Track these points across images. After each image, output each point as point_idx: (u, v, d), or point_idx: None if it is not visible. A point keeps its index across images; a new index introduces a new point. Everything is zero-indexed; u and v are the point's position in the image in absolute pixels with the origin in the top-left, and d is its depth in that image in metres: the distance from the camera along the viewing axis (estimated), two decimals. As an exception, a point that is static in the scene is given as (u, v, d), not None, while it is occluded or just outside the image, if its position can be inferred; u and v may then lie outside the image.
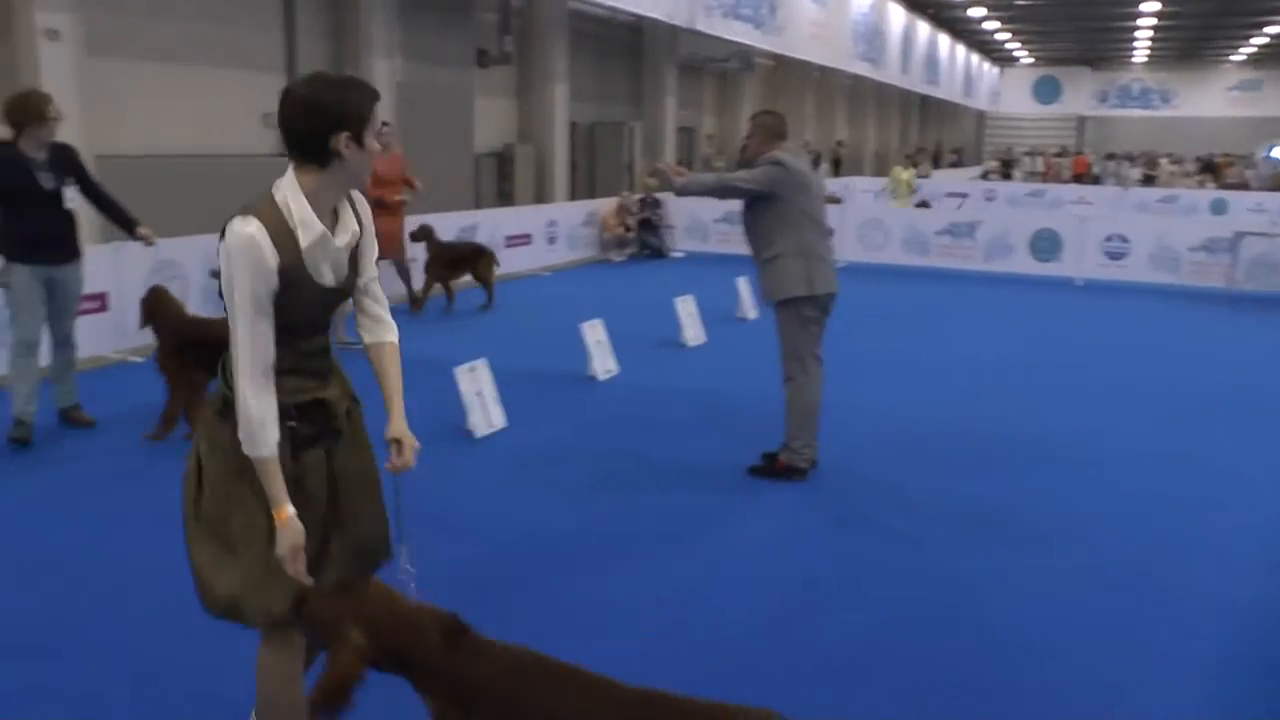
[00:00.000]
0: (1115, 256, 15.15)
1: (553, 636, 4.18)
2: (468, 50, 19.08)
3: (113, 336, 9.00)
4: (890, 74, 35.52)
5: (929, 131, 52.47)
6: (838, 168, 34.69)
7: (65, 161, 6.60)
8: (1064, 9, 37.91)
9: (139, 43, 12.90)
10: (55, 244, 6.57)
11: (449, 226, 13.42)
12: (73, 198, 6.62)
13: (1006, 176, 35.58)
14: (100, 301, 8.92)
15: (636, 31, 25.14)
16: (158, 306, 6.79)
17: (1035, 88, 57.65)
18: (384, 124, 9.98)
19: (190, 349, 6.46)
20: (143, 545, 5.04)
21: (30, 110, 6.36)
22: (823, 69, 31.99)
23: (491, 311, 11.75)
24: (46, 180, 6.44)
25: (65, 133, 11.23)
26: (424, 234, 11.46)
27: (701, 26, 21.48)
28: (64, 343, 6.90)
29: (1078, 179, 34.92)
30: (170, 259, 9.23)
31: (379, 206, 9.91)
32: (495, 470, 6.33)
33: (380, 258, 9.40)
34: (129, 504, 5.60)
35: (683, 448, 6.83)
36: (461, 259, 11.79)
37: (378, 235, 3.04)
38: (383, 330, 3.13)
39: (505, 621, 4.30)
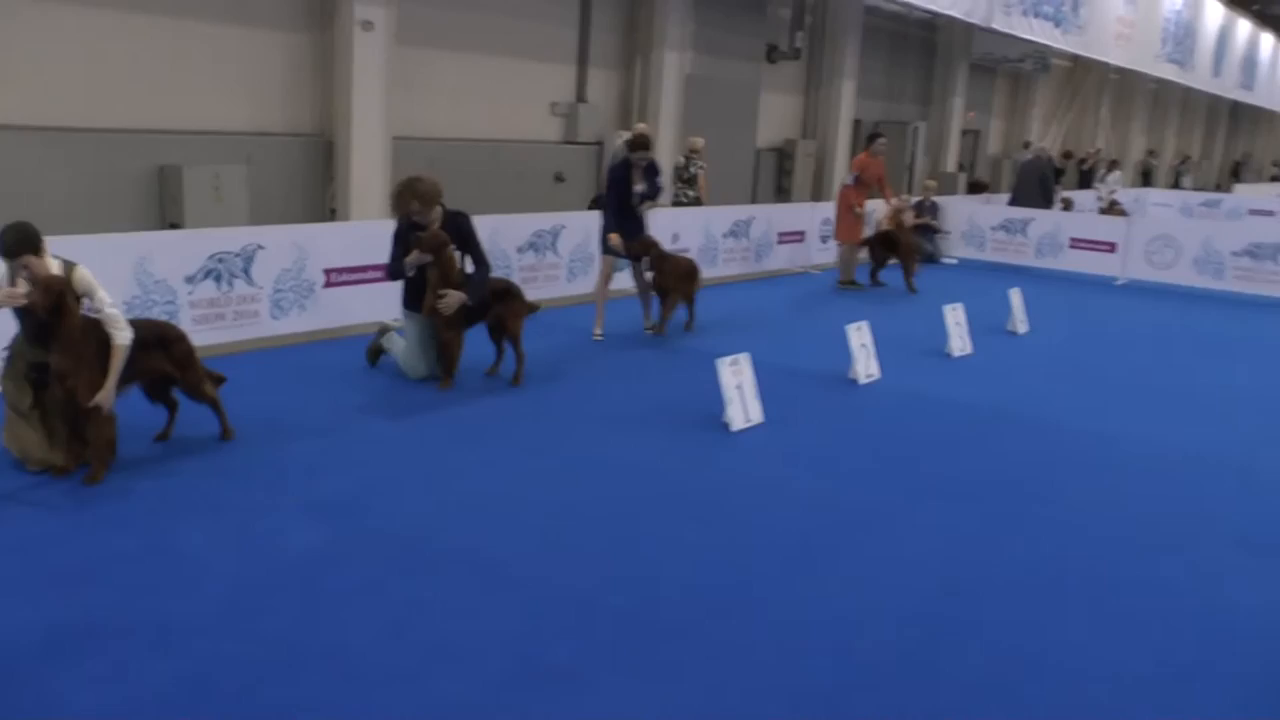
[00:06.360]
0: None
1: (783, 638, 4.30)
2: (758, 45, 19.27)
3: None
4: (1199, 78, 33.20)
5: (1236, 142, 49.06)
6: (1147, 179, 32.99)
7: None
8: None
9: (443, 33, 13.71)
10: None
11: (724, 219, 13.66)
12: None
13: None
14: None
15: (930, 29, 24.71)
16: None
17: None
18: (880, 138, 13.40)
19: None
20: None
21: (401, 198, 7.68)
22: (1122, 71, 30.45)
23: (730, 311, 11.89)
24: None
25: (369, 115, 12.24)
26: (646, 247, 9.81)
27: (999, 25, 20.85)
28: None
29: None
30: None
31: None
32: (748, 464, 6.44)
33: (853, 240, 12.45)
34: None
35: (935, 460, 6.77)
36: (682, 274, 10.06)
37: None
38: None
39: (742, 621, 4.44)
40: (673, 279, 9.81)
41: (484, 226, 10.13)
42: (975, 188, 23.72)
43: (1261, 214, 26.19)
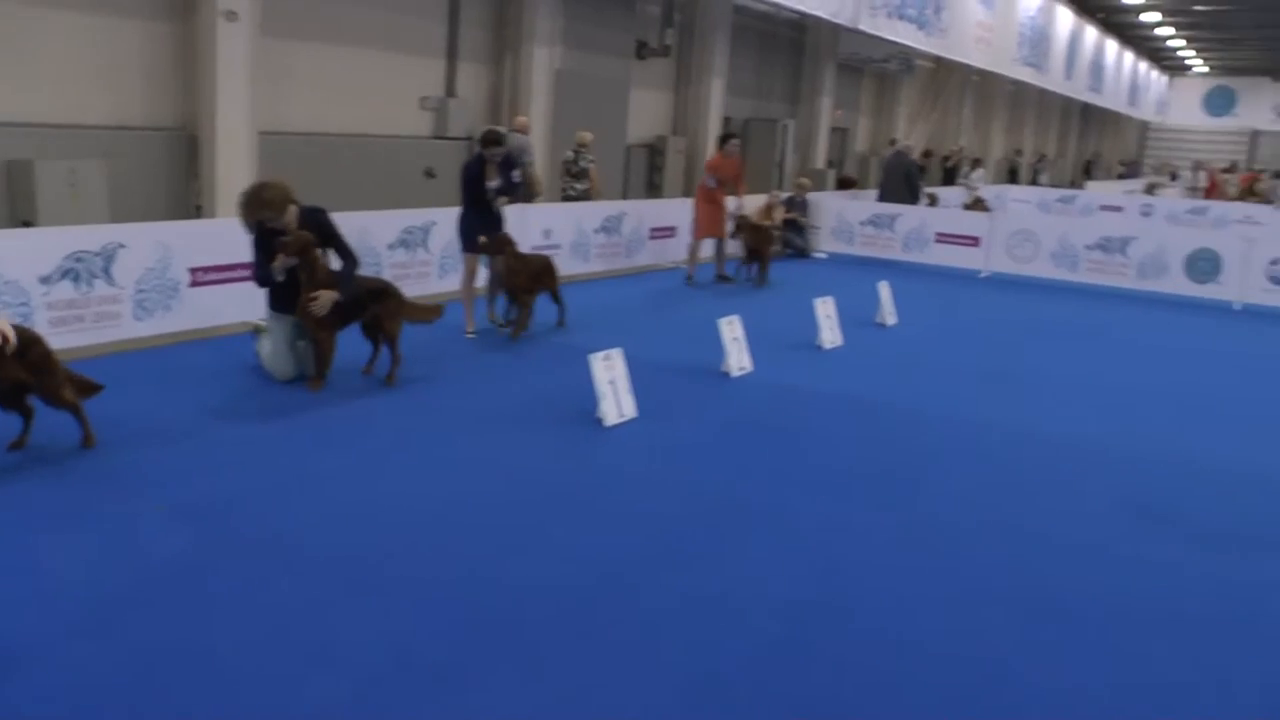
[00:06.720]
0: (1281, 281, 14.55)
1: (657, 630, 4.34)
2: (627, 41, 19.33)
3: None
4: (1053, 80, 34.57)
5: (1087, 142, 51.04)
6: (1013, 176, 34.05)
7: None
8: (1249, 15, 36.30)
9: (310, 25, 13.48)
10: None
11: (596, 215, 13.67)
12: None
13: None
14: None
15: (798, 29, 25.09)
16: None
17: (1207, 98, 55.40)
18: (734, 139, 13.76)
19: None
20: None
21: (250, 209, 7.50)
22: (983, 73, 31.39)
23: (617, 305, 11.94)
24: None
25: (234, 109, 11.95)
26: (501, 245, 9.54)
27: (865, 26, 21.28)
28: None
29: (1245, 197, 33.54)
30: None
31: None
32: (621, 460, 6.48)
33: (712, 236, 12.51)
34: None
35: (807, 450, 6.89)
36: (536, 272, 9.81)
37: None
38: None
39: (619, 614, 4.47)
40: (525, 278, 9.55)
41: (354, 223, 10.00)
42: (844, 184, 24.16)
43: (1111, 209, 27.34)
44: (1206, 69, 54.26)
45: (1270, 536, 5.81)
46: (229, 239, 8.70)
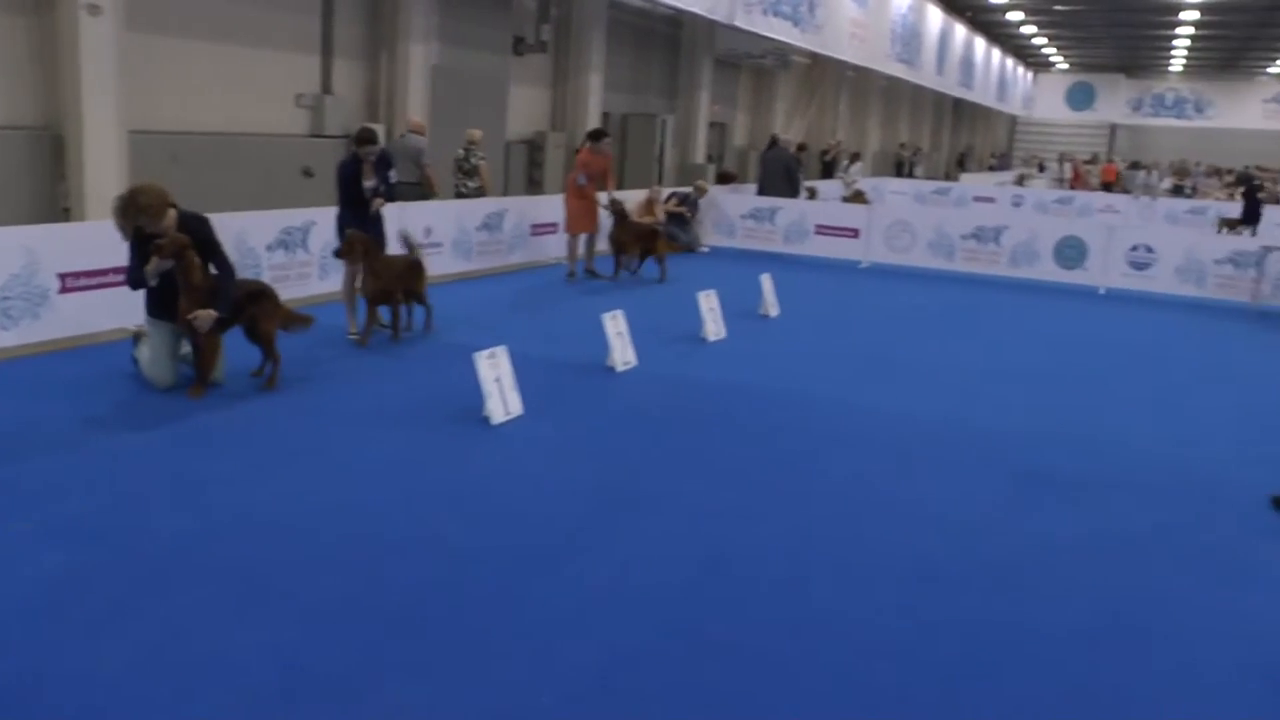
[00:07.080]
0: (1140, 267, 15.15)
1: (552, 626, 4.33)
2: (504, 37, 19.23)
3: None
4: (926, 76, 35.46)
5: (960, 134, 52.41)
6: (900, 170, 34.81)
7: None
8: (1103, 15, 37.82)
9: (178, 20, 13.11)
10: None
11: (476, 212, 13.58)
12: None
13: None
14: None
15: (675, 25, 25.22)
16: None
17: (1069, 94, 57.64)
18: (605, 137, 13.79)
19: None
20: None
21: (125, 216, 7.35)
22: (858, 69, 31.98)
23: (499, 302, 11.91)
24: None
25: (101, 107, 11.56)
26: (351, 247, 9.07)
27: (740, 22, 21.49)
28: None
29: (1106, 187, 34.85)
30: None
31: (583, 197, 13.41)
32: (508, 457, 6.45)
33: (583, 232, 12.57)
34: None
35: (694, 440, 6.95)
36: (400, 273, 9.40)
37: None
38: None
39: (511, 613, 4.46)
40: (391, 279, 9.23)
41: (232, 225, 9.79)
42: (724, 178, 24.38)
43: (984, 200, 28.13)
44: (1067, 66, 56.29)
45: (1133, 483, 6.04)
46: (101, 242, 8.43)
